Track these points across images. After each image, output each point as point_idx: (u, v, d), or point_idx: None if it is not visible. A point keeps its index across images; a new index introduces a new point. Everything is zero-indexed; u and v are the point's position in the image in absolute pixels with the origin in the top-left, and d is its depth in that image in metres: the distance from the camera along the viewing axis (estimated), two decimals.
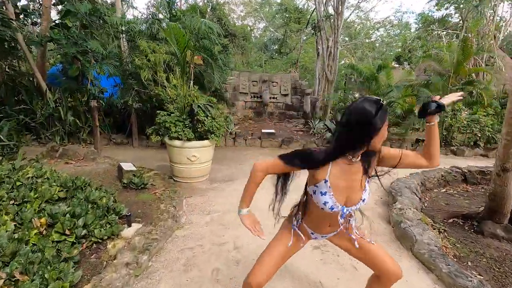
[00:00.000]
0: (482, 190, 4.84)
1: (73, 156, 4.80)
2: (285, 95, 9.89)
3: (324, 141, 7.27)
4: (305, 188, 1.45)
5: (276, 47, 20.88)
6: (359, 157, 1.27)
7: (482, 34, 14.99)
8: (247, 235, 2.34)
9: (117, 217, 2.65)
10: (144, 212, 3.01)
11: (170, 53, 6.10)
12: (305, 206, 1.48)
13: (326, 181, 1.27)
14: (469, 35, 15.25)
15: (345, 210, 1.31)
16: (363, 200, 1.32)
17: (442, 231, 3.20)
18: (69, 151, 4.97)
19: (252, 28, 19.99)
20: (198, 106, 3.80)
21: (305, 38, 16.41)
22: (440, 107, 1.21)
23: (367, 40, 21.59)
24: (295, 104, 9.91)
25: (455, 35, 16.17)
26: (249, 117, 9.72)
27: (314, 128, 8.16)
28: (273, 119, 9.72)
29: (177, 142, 3.78)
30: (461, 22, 16.34)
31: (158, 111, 3.89)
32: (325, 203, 1.28)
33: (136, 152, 6.05)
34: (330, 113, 9.18)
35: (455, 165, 6.09)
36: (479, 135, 7.04)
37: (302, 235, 1.48)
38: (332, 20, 8.45)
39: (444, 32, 16.08)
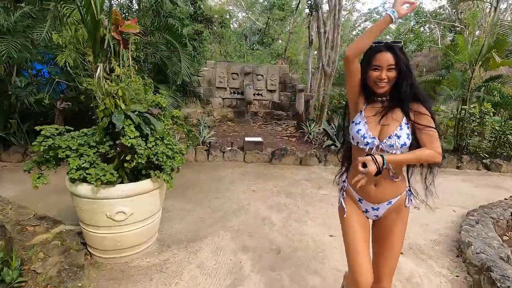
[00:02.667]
0: None
1: None
2: (272, 91, 8.12)
3: (325, 150, 5.61)
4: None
5: (257, 38, 18.96)
6: (387, 99, 1.31)
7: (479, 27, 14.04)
8: None
9: None
10: None
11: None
12: (347, 154, 1.49)
13: (361, 112, 1.33)
14: (464, 27, 14.27)
15: (376, 142, 1.27)
16: (398, 137, 1.24)
17: None
18: None
19: (231, 14, 17.91)
20: (128, 118, 1.94)
21: (293, 24, 14.67)
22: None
23: (354, 32, 20.27)
24: (284, 102, 8.18)
25: (447, 28, 15.13)
26: (228, 117, 7.88)
27: (310, 134, 6.49)
28: (258, 120, 7.94)
29: (84, 189, 1.91)
30: (454, 13, 15.32)
31: (38, 127, 1.96)
32: (358, 131, 1.29)
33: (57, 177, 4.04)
34: (327, 113, 7.56)
35: (493, 184, 4.70)
36: None
37: (352, 201, 1.40)
38: None
39: (437, 25, 15.00)
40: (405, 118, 1.26)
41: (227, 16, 15.43)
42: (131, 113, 1.95)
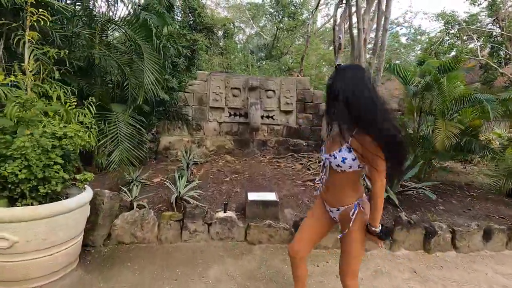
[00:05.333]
0: None
1: None
2: (288, 112, 5.96)
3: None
4: None
5: (264, 54, 17.06)
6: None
7: None
8: None
9: None
10: None
11: None
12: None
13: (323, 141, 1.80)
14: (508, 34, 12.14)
15: (323, 157, 1.55)
16: (335, 157, 1.44)
17: None
18: None
19: (236, 26, 16.13)
20: None
21: (311, 25, 12.71)
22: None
23: (369, 46, 18.31)
24: (303, 128, 5.98)
25: (485, 37, 13.04)
26: (226, 148, 5.70)
27: None
28: (268, 152, 5.73)
29: None
30: (494, 21, 13.26)
31: None
32: (321, 150, 1.60)
33: None
34: None
35: None
36: None
37: (323, 203, 1.68)
38: None
39: (473, 34, 12.92)
40: (345, 144, 1.41)
41: (231, 26, 13.64)
42: None
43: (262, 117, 5.79)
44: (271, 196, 3.24)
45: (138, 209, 2.90)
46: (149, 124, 4.80)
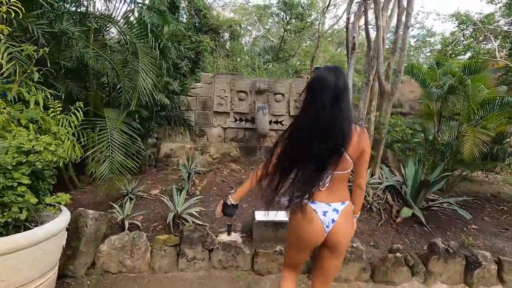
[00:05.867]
0: None
1: None
2: None
3: (408, 233, 2.92)
4: None
5: (271, 56, 16.65)
6: None
7: None
8: None
9: None
10: None
11: None
12: None
13: None
14: None
15: None
16: None
17: None
18: None
19: (242, 27, 15.79)
20: None
21: (321, 23, 12.28)
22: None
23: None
24: None
25: (502, 37, 12.42)
26: (231, 156, 5.30)
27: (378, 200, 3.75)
28: None
29: None
30: None
31: None
32: None
33: None
34: (388, 152, 4.90)
35: None
36: None
37: None
38: None
39: (491, 35, 12.33)
40: None
41: (237, 28, 13.30)
42: None
43: (270, 122, 5.37)
44: (281, 216, 2.82)
45: (128, 231, 2.51)
46: (147, 131, 4.44)
